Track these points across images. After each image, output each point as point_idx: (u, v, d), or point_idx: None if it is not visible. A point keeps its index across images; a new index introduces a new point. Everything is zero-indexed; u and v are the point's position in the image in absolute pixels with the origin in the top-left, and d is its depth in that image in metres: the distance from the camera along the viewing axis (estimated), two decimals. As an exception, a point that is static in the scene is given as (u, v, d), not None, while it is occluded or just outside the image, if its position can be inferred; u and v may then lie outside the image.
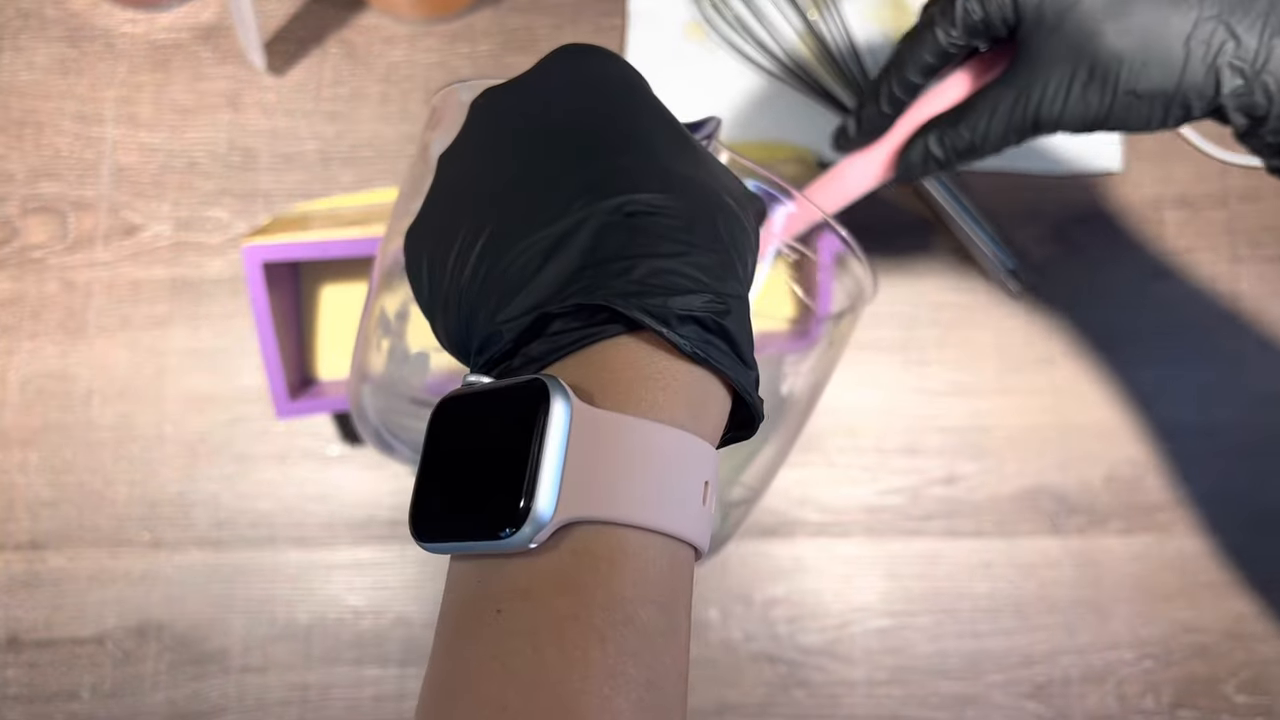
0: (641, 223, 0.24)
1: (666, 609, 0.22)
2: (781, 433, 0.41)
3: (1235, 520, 0.55)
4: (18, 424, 0.55)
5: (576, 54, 0.28)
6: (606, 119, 0.26)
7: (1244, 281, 0.57)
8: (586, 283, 0.23)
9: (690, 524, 0.23)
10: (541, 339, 0.24)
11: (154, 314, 0.56)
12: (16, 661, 0.53)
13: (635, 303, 0.23)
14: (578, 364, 0.24)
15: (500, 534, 0.21)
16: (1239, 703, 0.53)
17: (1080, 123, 0.38)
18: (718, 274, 0.24)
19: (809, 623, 0.54)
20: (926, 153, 0.41)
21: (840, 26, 0.57)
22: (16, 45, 0.59)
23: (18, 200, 0.57)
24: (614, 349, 0.23)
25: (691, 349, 0.23)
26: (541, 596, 0.21)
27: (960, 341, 0.56)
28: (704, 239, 0.24)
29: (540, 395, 0.22)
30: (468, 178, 0.27)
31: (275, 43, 0.58)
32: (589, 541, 0.22)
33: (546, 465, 0.21)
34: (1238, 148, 0.58)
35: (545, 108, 0.26)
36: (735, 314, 0.24)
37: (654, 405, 0.23)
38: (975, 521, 0.55)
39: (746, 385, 0.25)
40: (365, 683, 0.53)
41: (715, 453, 0.25)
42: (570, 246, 0.23)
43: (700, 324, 0.23)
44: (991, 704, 0.53)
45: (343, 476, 0.55)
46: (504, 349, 0.24)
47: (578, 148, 0.25)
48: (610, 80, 0.27)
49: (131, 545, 0.54)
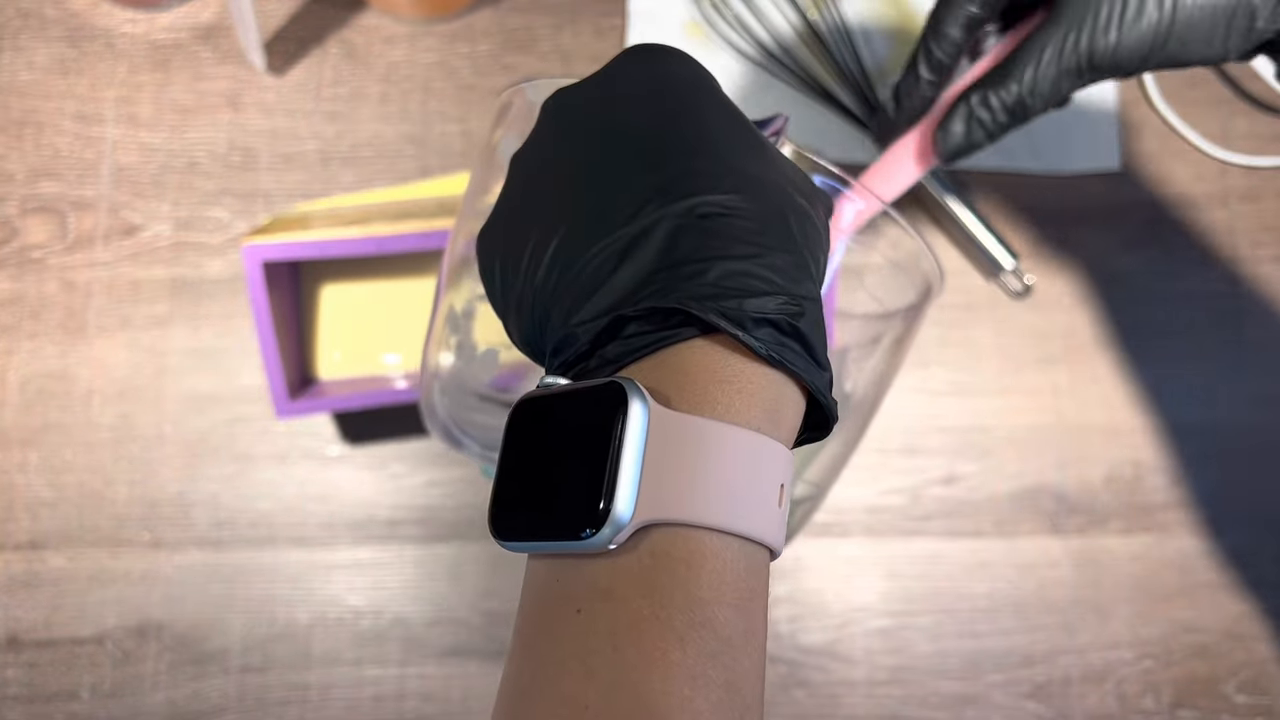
0: (714, 224, 0.24)
1: (744, 611, 0.23)
2: (846, 430, 0.40)
3: (1235, 520, 0.55)
4: (18, 424, 0.55)
5: (645, 54, 0.28)
6: (676, 119, 0.26)
7: (1244, 281, 0.57)
8: (661, 285, 0.23)
9: (766, 526, 0.23)
10: (617, 341, 0.24)
11: (154, 314, 0.56)
12: (16, 661, 0.53)
13: (710, 305, 0.23)
14: (654, 366, 0.24)
15: (580, 535, 0.22)
16: (1239, 703, 0.53)
17: (1138, 52, 0.35)
18: (792, 275, 0.24)
19: (809, 622, 0.54)
20: (970, 117, 0.38)
21: (840, 26, 0.57)
22: (16, 45, 0.59)
23: (17, 200, 0.57)
24: (689, 351, 0.24)
25: (766, 352, 0.23)
26: (621, 597, 0.22)
27: (960, 341, 0.56)
28: (777, 240, 0.24)
29: (618, 397, 0.22)
30: (540, 179, 0.27)
31: (275, 43, 0.58)
32: (667, 543, 0.22)
33: (625, 467, 0.21)
34: (1238, 148, 0.58)
35: (616, 109, 0.27)
36: (809, 315, 0.24)
37: (730, 408, 0.23)
38: (975, 521, 0.55)
39: (821, 387, 0.25)
40: (365, 683, 0.53)
41: (790, 455, 0.25)
42: (644, 248, 0.24)
43: (775, 326, 0.23)
44: (991, 704, 0.53)
45: (343, 476, 0.55)
46: (580, 351, 0.24)
47: (649, 149, 0.25)
48: (679, 80, 0.27)
49: (131, 545, 0.54)
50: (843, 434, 0.41)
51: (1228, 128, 0.58)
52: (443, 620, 0.54)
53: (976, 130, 0.38)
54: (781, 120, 0.31)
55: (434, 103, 0.58)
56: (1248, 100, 0.58)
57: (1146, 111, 0.58)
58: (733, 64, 0.58)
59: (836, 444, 0.41)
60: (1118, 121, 0.58)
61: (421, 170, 0.57)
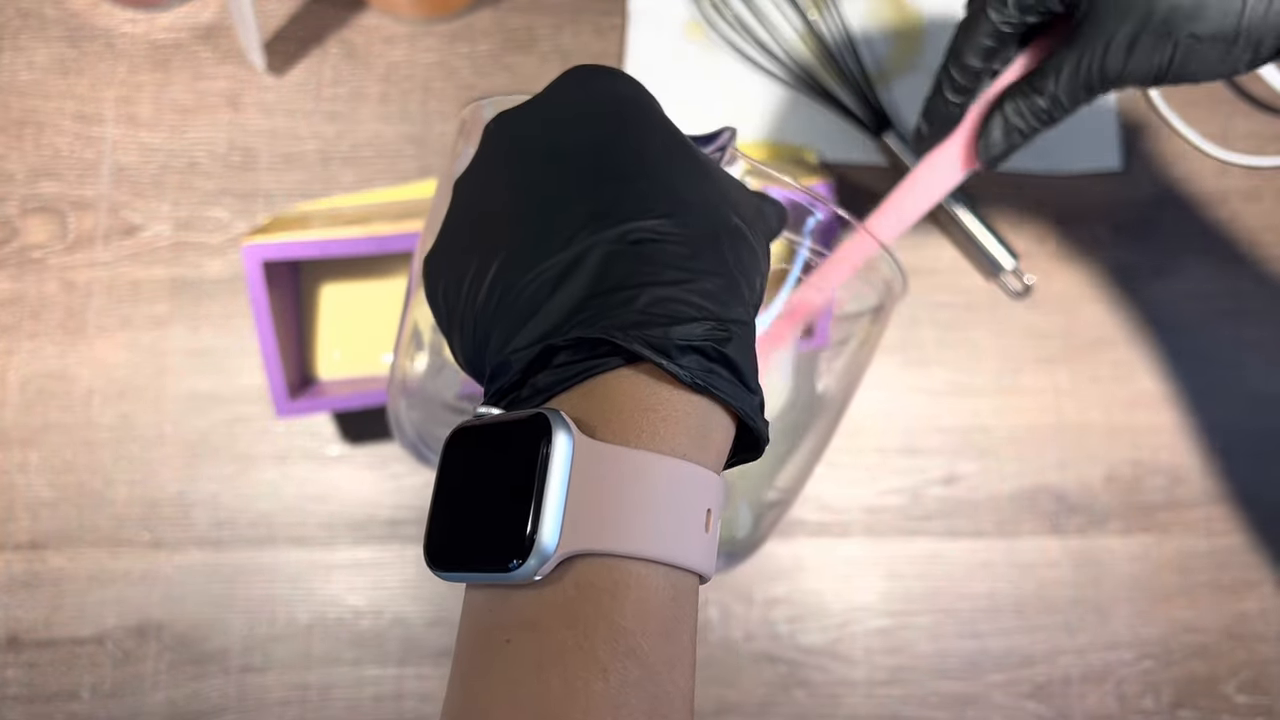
0: (646, 250, 0.24)
1: (669, 638, 0.23)
2: (815, 433, 0.41)
3: (1235, 520, 0.55)
4: (18, 424, 0.55)
5: (586, 75, 0.28)
6: (615, 141, 0.26)
7: (1244, 281, 0.57)
8: (591, 313, 0.24)
9: (692, 552, 0.24)
10: (548, 370, 0.24)
11: (154, 314, 0.56)
12: (16, 661, 0.53)
13: (636, 334, 0.23)
14: (582, 396, 0.24)
15: (508, 566, 0.22)
16: (1239, 702, 0.53)
17: (1146, 75, 0.37)
18: (721, 300, 0.24)
19: (809, 622, 0.54)
20: (1007, 125, 0.41)
21: (840, 26, 0.57)
22: (16, 45, 0.59)
23: (17, 200, 0.57)
24: (616, 380, 0.24)
25: (691, 379, 0.24)
26: (547, 628, 0.22)
27: (960, 341, 0.56)
28: (709, 264, 0.25)
29: (543, 429, 0.22)
30: (482, 203, 0.27)
31: (275, 43, 0.58)
32: (592, 574, 0.22)
33: (550, 499, 0.22)
34: (1238, 147, 0.58)
35: (555, 131, 0.27)
36: (738, 340, 0.25)
37: (655, 436, 0.24)
38: (975, 521, 0.55)
39: (749, 411, 0.25)
40: (365, 683, 0.53)
41: (719, 479, 0.25)
42: (577, 275, 0.24)
43: (702, 353, 0.24)
44: (991, 704, 0.53)
45: (342, 476, 0.55)
46: (513, 380, 0.25)
47: (586, 173, 0.26)
48: (619, 100, 0.27)
49: (131, 545, 0.54)
50: (814, 435, 0.41)
51: (1228, 128, 0.58)
52: (442, 620, 0.54)
53: (1014, 135, 0.41)
54: (727, 135, 0.31)
55: (434, 103, 0.58)
56: (1248, 100, 0.58)
57: (1147, 112, 0.58)
58: (733, 64, 0.58)
59: (806, 448, 0.41)
60: (1118, 122, 0.58)
61: (421, 170, 0.57)
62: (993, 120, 0.41)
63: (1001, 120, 0.41)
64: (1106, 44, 0.37)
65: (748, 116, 0.57)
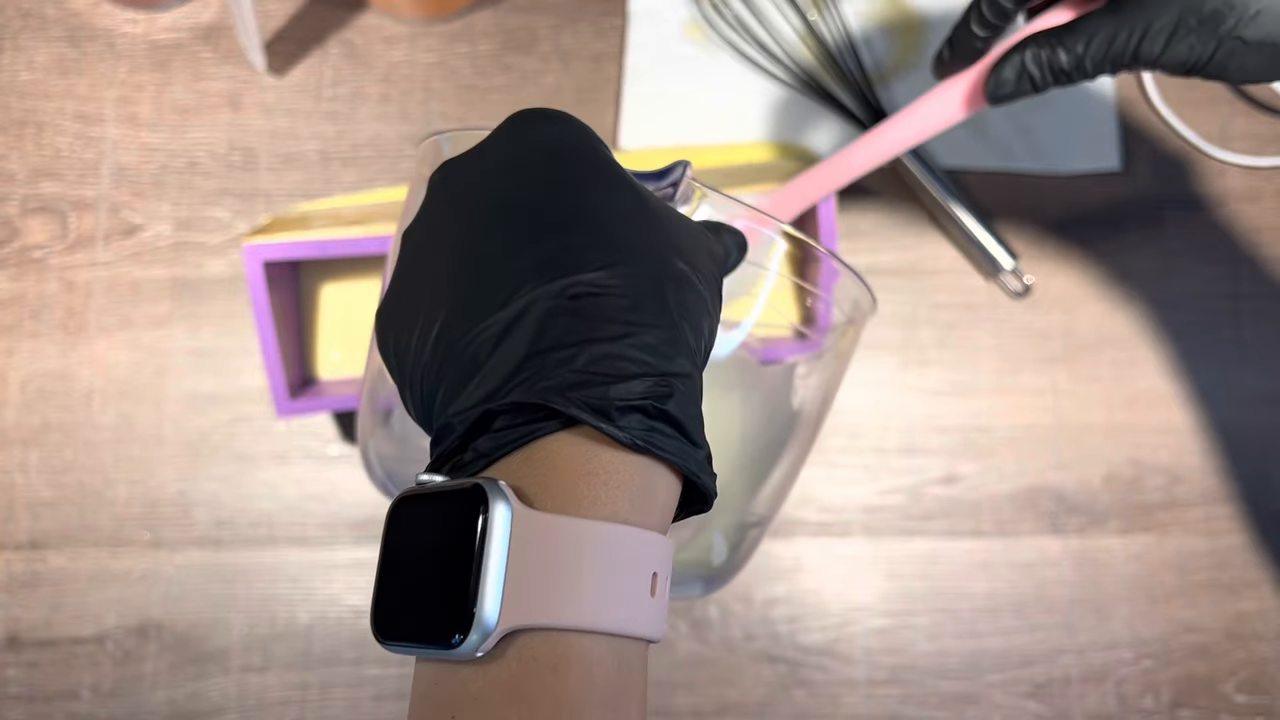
0: (586, 305, 0.24)
1: (615, 708, 0.23)
2: (794, 448, 0.40)
3: (1234, 520, 0.55)
4: (18, 423, 0.55)
5: (529, 122, 0.28)
6: (556, 191, 0.26)
7: (1243, 282, 0.57)
8: (529, 374, 0.23)
9: (638, 620, 0.24)
10: (488, 435, 0.24)
11: (154, 314, 0.56)
12: (17, 661, 0.53)
13: (575, 395, 0.23)
14: (521, 462, 0.24)
15: (450, 641, 0.22)
16: (1238, 702, 0.53)
17: (1180, 65, 0.36)
18: (663, 353, 0.24)
19: (809, 622, 0.54)
20: (1022, 69, 0.39)
21: (840, 27, 0.57)
22: (17, 45, 0.59)
23: (18, 200, 0.57)
24: (556, 445, 0.24)
25: (631, 440, 0.23)
26: (491, 705, 0.22)
27: (960, 341, 0.56)
28: (651, 315, 0.24)
29: (481, 500, 0.22)
30: (426, 256, 0.27)
31: (275, 43, 0.58)
32: (535, 649, 0.22)
33: (489, 574, 0.22)
34: (1237, 148, 0.58)
35: (496, 182, 0.27)
36: (680, 395, 0.24)
37: (595, 502, 0.23)
38: (974, 521, 0.55)
39: (693, 468, 0.25)
40: (365, 682, 0.53)
41: (664, 541, 0.25)
42: (516, 333, 0.24)
43: (642, 411, 0.23)
44: (991, 703, 0.53)
45: (343, 476, 0.55)
46: (454, 444, 0.24)
47: (527, 225, 0.25)
48: (562, 147, 0.27)
49: (132, 545, 0.54)
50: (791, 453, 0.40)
51: (1226, 128, 0.58)
52: (443, 620, 0.54)
53: (1025, 82, 0.39)
54: (679, 170, 0.30)
55: (434, 103, 0.58)
56: (1246, 100, 0.59)
57: (1146, 112, 0.58)
58: (732, 64, 0.58)
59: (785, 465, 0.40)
60: (1117, 121, 0.58)
61: (422, 170, 0.57)
62: (1010, 60, 0.39)
63: (1019, 63, 0.39)
64: (1148, 24, 0.36)
65: (747, 116, 0.58)
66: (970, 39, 0.40)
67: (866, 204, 0.57)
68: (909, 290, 0.57)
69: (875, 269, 0.57)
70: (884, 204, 0.57)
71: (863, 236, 0.57)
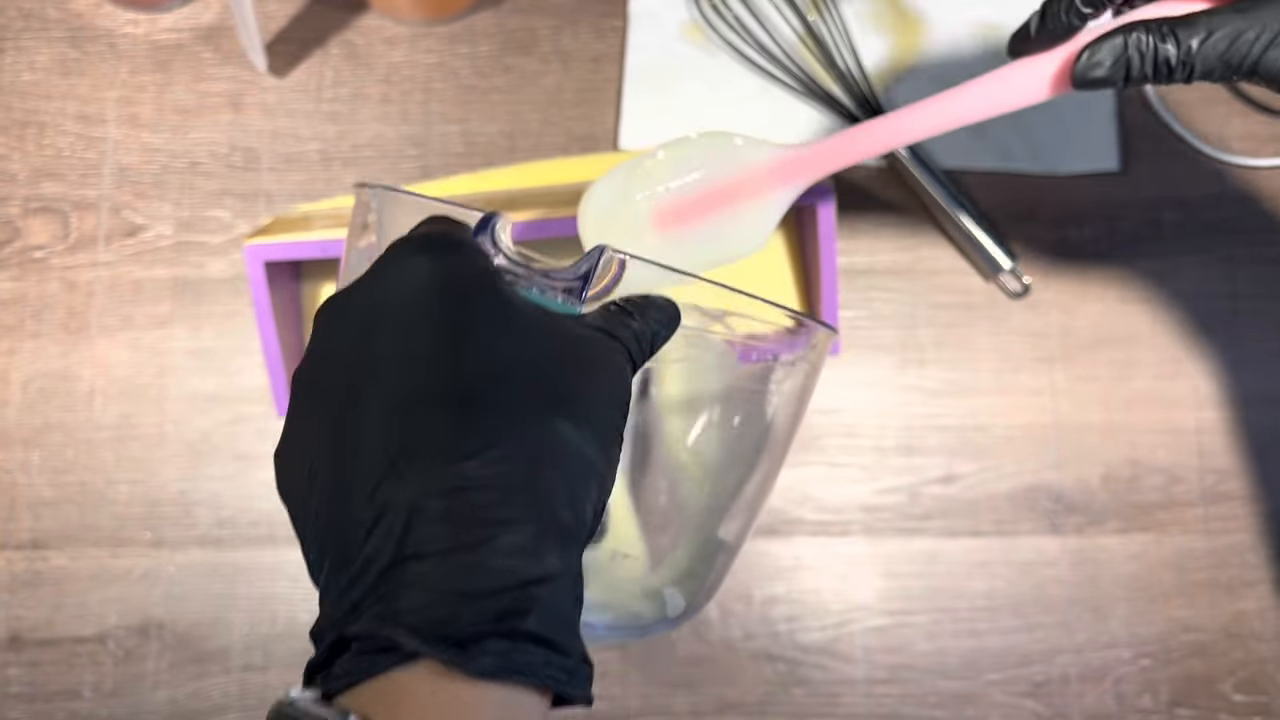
0: (452, 504, 0.23)
1: None
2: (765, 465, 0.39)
3: (1233, 520, 0.55)
4: (20, 423, 0.55)
5: (404, 259, 0.27)
6: (429, 350, 0.25)
7: (1242, 282, 0.57)
8: (386, 591, 0.22)
9: None
10: (348, 655, 0.23)
11: (156, 314, 0.56)
12: (18, 660, 0.54)
13: (426, 622, 0.22)
14: (377, 691, 0.22)
15: None
16: (1237, 701, 0.53)
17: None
18: (529, 552, 0.23)
19: (808, 621, 0.54)
20: (1122, 53, 0.35)
21: (840, 28, 0.57)
22: (19, 46, 0.59)
23: (19, 200, 0.57)
24: (408, 678, 0.22)
25: (482, 672, 0.22)
26: None
27: (959, 341, 0.57)
28: (519, 510, 0.23)
29: None
30: (311, 407, 0.26)
31: (276, 44, 0.59)
32: None
33: None
34: (1235, 149, 0.58)
35: (368, 335, 0.26)
36: (542, 605, 0.23)
37: None
38: (973, 521, 0.55)
39: (561, 681, 0.23)
40: (366, 681, 0.53)
41: None
42: (383, 531, 0.23)
43: (500, 635, 0.22)
44: (990, 702, 0.54)
45: (343, 476, 0.55)
46: (320, 658, 0.24)
47: (398, 394, 0.25)
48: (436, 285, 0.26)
49: (133, 544, 0.54)
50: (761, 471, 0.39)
51: (1225, 129, 0.58)
52: (443, 619, 0.54)
53: (1119, 68, 0.35)
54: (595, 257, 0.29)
55: (435, 104, 0.58)
56: (1245, 101, 0.59)
57: (1144, 112, 0.58)
58: (732, 65, 0.58)
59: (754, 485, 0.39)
60: (1116, 122, 0.58)
61: (422, 171, 0.58)
62: (1109, 41, 0.35)
63: (1119, 45, 0.35)
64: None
65: (747, 118, 0.58)
66: (1066, 15, 0.36)
67: (865, 204, 0.57)
68: (907, 290, 0.57)
69: (874, 269, 0.57)
70: (883, 204, 0.57)
71: (861, 236, 0.57)
